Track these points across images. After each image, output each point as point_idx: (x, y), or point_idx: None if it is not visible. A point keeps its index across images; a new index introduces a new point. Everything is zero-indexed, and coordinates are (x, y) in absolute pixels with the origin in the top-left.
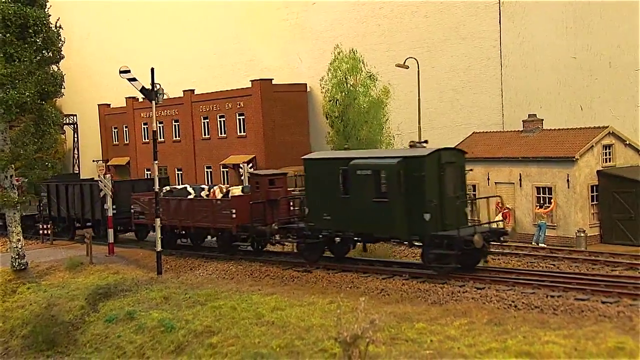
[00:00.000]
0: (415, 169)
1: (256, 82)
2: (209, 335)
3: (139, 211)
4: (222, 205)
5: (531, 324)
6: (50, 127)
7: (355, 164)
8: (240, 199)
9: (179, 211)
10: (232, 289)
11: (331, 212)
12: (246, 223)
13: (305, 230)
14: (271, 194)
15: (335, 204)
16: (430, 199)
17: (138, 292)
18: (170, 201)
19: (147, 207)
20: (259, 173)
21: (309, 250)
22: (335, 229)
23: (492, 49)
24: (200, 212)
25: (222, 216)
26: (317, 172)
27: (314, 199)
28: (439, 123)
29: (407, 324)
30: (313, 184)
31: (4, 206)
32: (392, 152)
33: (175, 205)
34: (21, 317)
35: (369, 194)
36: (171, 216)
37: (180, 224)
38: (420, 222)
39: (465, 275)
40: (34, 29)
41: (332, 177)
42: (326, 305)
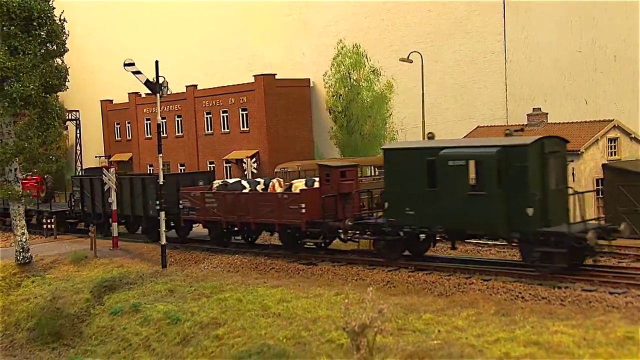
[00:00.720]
0: (516, 159)
1: (259, 77)
2: (214, 327)
3: (189, 207)
4: (290, 199)
5: (539, 315)
6: (55, 121)
7: (447, 154)
8: (310, 193)
9: (237, 206)
10: (238, 281)
11: (415, 206)
12: (317, 218)
13: (385, 226)
14: (343, 187)
15: (420, 197)
16: (534, 192)
17: (143, 285)
18: (227, 196)
19: (198, 203)
20: (329, 164)
21: (388, 248)
22: (419, 225)
23: (497, 43)
24: (264, 207)
25: (290, 211)
26: (399, 163)
27: (395, 192)
28: (443, 117)
29: (414, 315)
30: (394, 175)
31: (8, 199)
32: (487, 141)
33: (232, 199)
34: (26, 310)
35: (462, 187)
36: (228, 212)
37: (239, 219)
38: (522, 217)
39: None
40: (38, 21)
41: (416, 168)
42: (332, 297)
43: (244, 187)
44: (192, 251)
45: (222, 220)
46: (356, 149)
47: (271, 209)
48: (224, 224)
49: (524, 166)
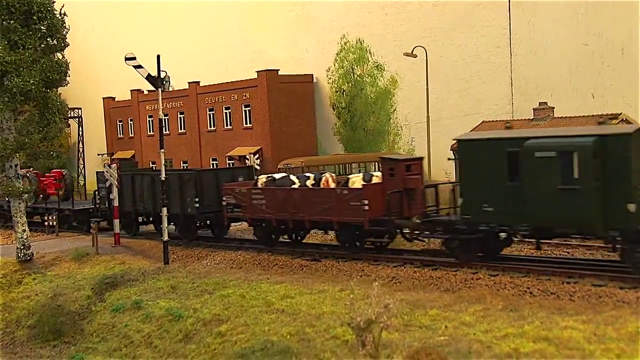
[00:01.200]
0: (616, 149)
1: (262, 72)
2: (217, 323)
3: (234, 204)
4: (351, 195)
5: (548, 310)
6: (55, 116)
7: (534, 144)
8: (373, 189)
9: (289, 203)
10: (241, 277)
11: (494, 202)
12: (381, 216)
13: (458, 224)
14: (409, 182)
15: (500, 192)
16: (637, 186)
17: (145, 281)
18: (278, 192)
19: (244, 199)
20: (393, 157)
21: (462, 248)
22: (499, 223)
23: (502, 37)
24: (320, 204)
25: (350, 208)
26: (476, 155)
27: (471, 186)
28: (448, 113)
29: (420, 310)
30: (469, 169)
31: (8, 196)
32: (579, 130)
33: (284, 196)
34: (27, 307)
35: (551, 181)
36: (279, 209)
37: (291, 217)
38: (622, 214)
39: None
40: (38, 15)
41: (496, 160)
42: (337, 293)
43: (293, 183)
44: (194, 247)
45: (272, 218)
46: (360, 144)
47: (329, 206)
48: (274, 222)
49: (626, 157)
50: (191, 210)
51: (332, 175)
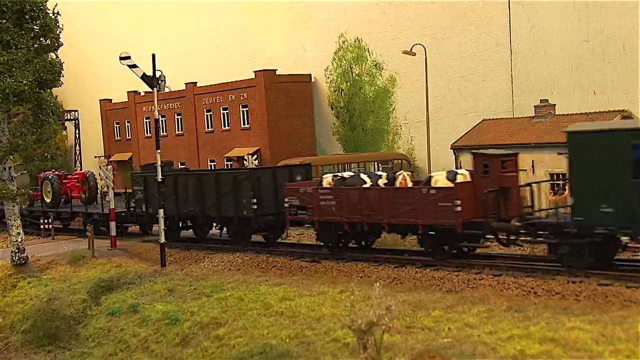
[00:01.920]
0: None
1: (260, 72)
2: (215, 327)
3: (298, 205)
4: (440, 195)
5: (553, 310)
6: (50, 117)
7: None
8: (466, 187)
9: (364, 204)
10: (239, 280)
11: (615, 202)
12: (476, 218)
13: (569, 228)
14: (505, 180)
15: (622, 191)
16: None
17: (141, 284)
18: (351, 192)
19: (310, 200)
20: (488, 153)
21: (573, 253)
22: (621, 226)
23: (501, 34)
24: (402, 205)
25: (439, 210)
26: (592, 149)
27: (585, 185)
28: (447, 111)
29: (423, 312)
30: (583, 164)
31: (2, 199)
32: None
33: (358, 196)
34: (21, 312)
35: None
36: (352, 211)
37: (366, 220)
38: None
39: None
40: (31, 14)
41: (617, 154)
42: (337, 295)
43: (364, 182)
44: (191, 250)
45: (344, 221)
46: (359, 144)
47: (412, 207)
48: (346, 225)
49: None
50: (247, 213)
51: (408, 174)
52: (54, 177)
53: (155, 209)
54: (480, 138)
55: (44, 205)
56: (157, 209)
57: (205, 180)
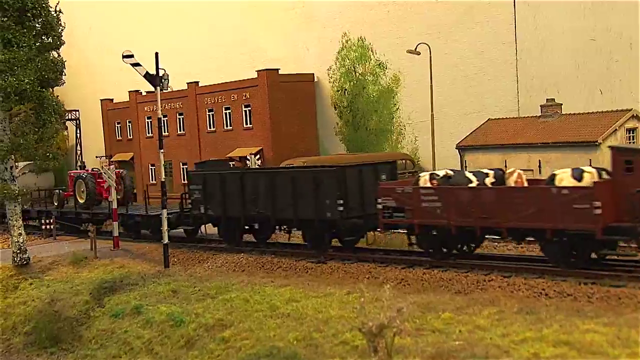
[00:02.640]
0: None
1: (262, 72)
2: (221, 329)
3: (394, 207)
4: (575, 196)
5: (566, 313)
6: (52, 116)
7: None
8: (606, 187)
9: (476, 206)
10: (244, 281)
11: None
12: (620, 222)
13: None
14: None
15: None
16: None
17: (145, 286)
18: (460, 192)
19: (410, 202)
20: (632, 148)
21: None
22: None
23: (507, 33)
24: (525, 207)
25: (573, 213)
26: None
27: None
28: (452, 110)
29: (432, 314)
30: None
31: (4, 199)
32: None
33: (470, 197)
34: (23, 313)
35: None
36: (461, 214)
37: (480, 224)
38: None
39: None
40: (33, 12)
41: None
42: (344, 296)
43: (470, 181)
44: (195, 250)
45: (451, 225)
46: (362, 144)
47: (537, 210)
48: (454, 229)
49: None
50: (332, 215)
51: (523, 172)
52: (89, 177)
53: (217, 210)
54: (486, 138)
55: (78, 206)
56: (219, 210)
57: (279, 178)
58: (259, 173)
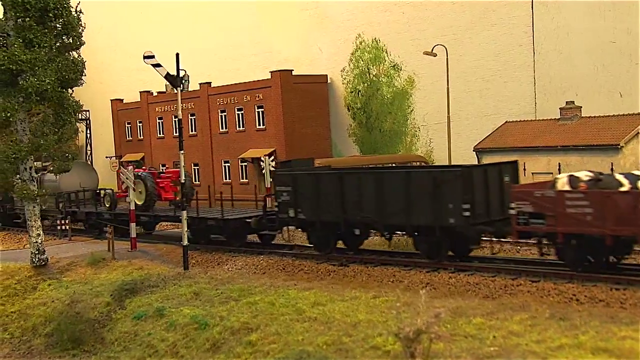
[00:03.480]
0: None
1: (276, 73)
2: (246, 332)
3: (532, 213)
4: None
5: (600, 319)
6: (71, 117)
7: None
8: None
9: None
10: (266, 284)
11: None
12: None
13: None
14: None
15: None
16: None
17: (166, 288)
18: (619, 198)
19: (552, 207)
20: None
21: None
22: None
23: (524, 35)
24: None
25: None
26: None
27: None
28: (467, 113)
29: (463, 319)
30: None
31: (23, 199)
32: None
33: (633, 203)
34: (43, 314)
35: None
36: (619, 221)
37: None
38: None
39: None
40: (54, 12)
41: None
42: (370, 300)
43: (621, 184)
44: (213, 252)
45: (606, 234)
46: (376, 146)
47: None
48: (609, 238)
49: None
50: (456, 221)
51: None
52: (148, 176)
53: (309, 214)
54: (504, 140)
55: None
56: (313, 214)
57: (389, 180)
58: (364, 173)
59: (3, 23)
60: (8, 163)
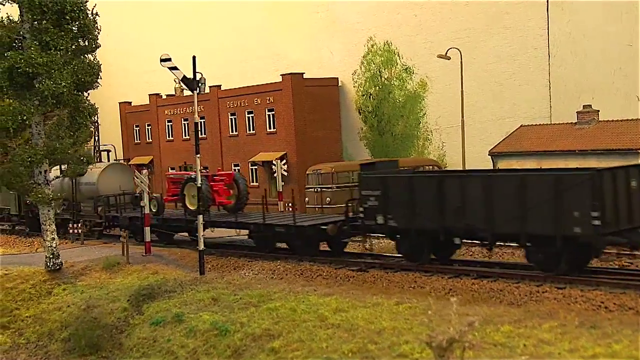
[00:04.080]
0: None
1: (287, 76)
2: (269, 339)
3: None
4: None
5: (632, 327)
6: (87, 120)
7: None
8: None
9: None
10: (285, 289)
11: None
12: None
13: None
14: None
15: None
16: None
17: (183, 293)
18: None
19: None
20: None
21: None
22: None
23: (539, 37)
24: None
25: None
26: None
27: None
28: (481, 116)
29: (491, 326)
30: None
31: (37, 203)
32: None
33: None
34: (59, 319)
35: None
36: None
37: None
38: None
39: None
40: (71, 15)
41: None
42: (393, 307)
43: None
44: (229, 257)
45: None
46: (387, 150)
47: None
48: None
49: None
50: (582, 231)
51: None
52: (203, 179)
53: (402, 221)
54: (521, 144)
55: (187, 214)
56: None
57: (499, 184)
58: (468, 177)
59: (19, 25)
60: (23, 167)
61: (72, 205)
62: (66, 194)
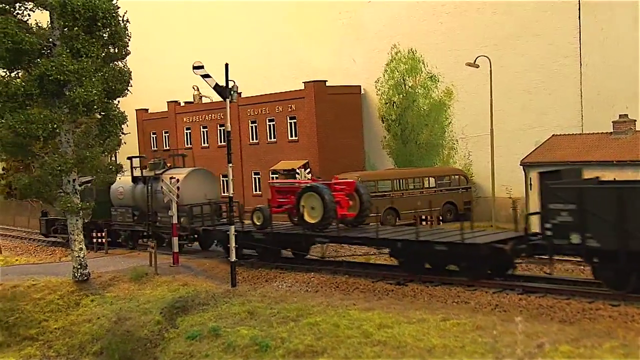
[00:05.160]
0: None
1: (309, 83)
2: (312, 355)
3: None
4: None
5: None
6: (117, 128)
7: None
8: None
9: None
10: (323, 303)
11: None
12: None
13: None
14: None
15: None
16: None
17: (217, 306)
18: None
19: None
20: None
21: None
22: None
23: (570, 46)
24: None
25: None
26: None
27: None
28: (509, 125)
29: (548, 346)
30: None
31: (66, 213)
32: None
33: None
34: (89, 332)
35: None
36: None
37: None
38: None
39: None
40: (103, 22)
41: None
42: (440, 323)
43: None
44: (259, 268)
45: None
46: (411, 159)
47: None
48: None
49: None
50: None
51: None
52: (325, 189)
53: (608, 242)
54: (553, 154)
55: (306, 227)
56: (613, 242)
57: None
58: None
59: (49, 32)
60: (53, 176)
61: (146, 216)
62: (138, 203)
